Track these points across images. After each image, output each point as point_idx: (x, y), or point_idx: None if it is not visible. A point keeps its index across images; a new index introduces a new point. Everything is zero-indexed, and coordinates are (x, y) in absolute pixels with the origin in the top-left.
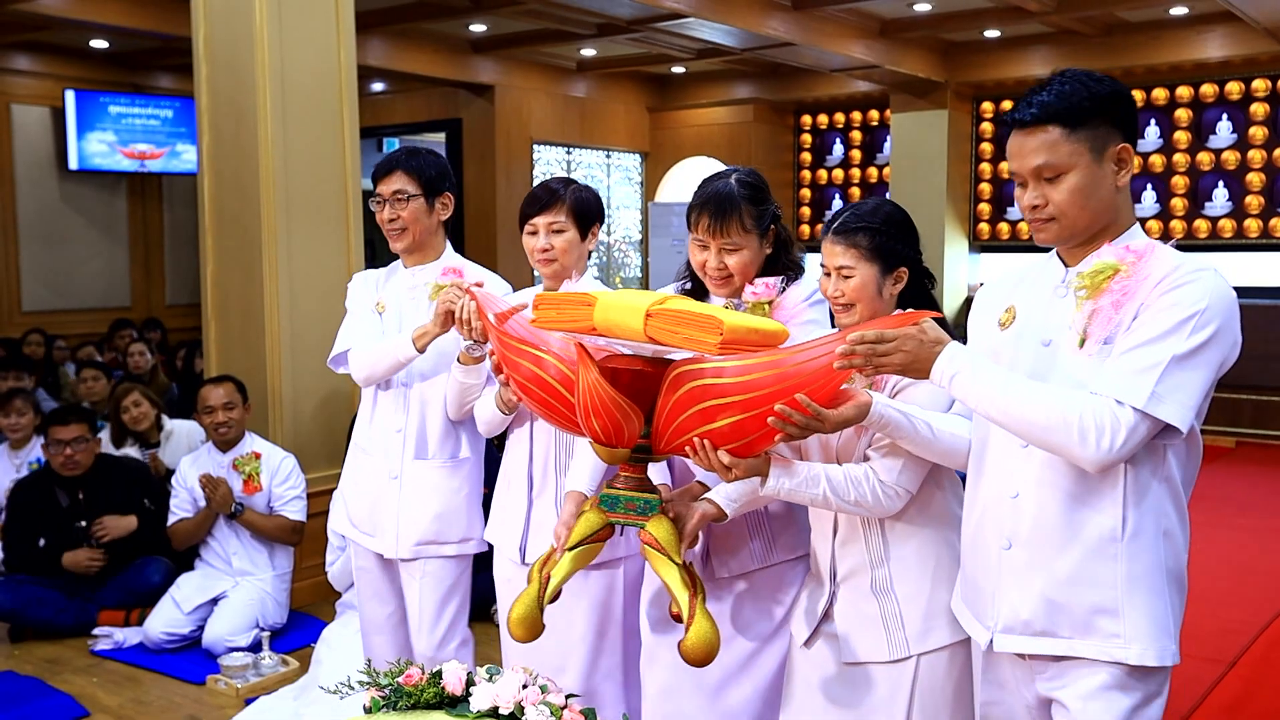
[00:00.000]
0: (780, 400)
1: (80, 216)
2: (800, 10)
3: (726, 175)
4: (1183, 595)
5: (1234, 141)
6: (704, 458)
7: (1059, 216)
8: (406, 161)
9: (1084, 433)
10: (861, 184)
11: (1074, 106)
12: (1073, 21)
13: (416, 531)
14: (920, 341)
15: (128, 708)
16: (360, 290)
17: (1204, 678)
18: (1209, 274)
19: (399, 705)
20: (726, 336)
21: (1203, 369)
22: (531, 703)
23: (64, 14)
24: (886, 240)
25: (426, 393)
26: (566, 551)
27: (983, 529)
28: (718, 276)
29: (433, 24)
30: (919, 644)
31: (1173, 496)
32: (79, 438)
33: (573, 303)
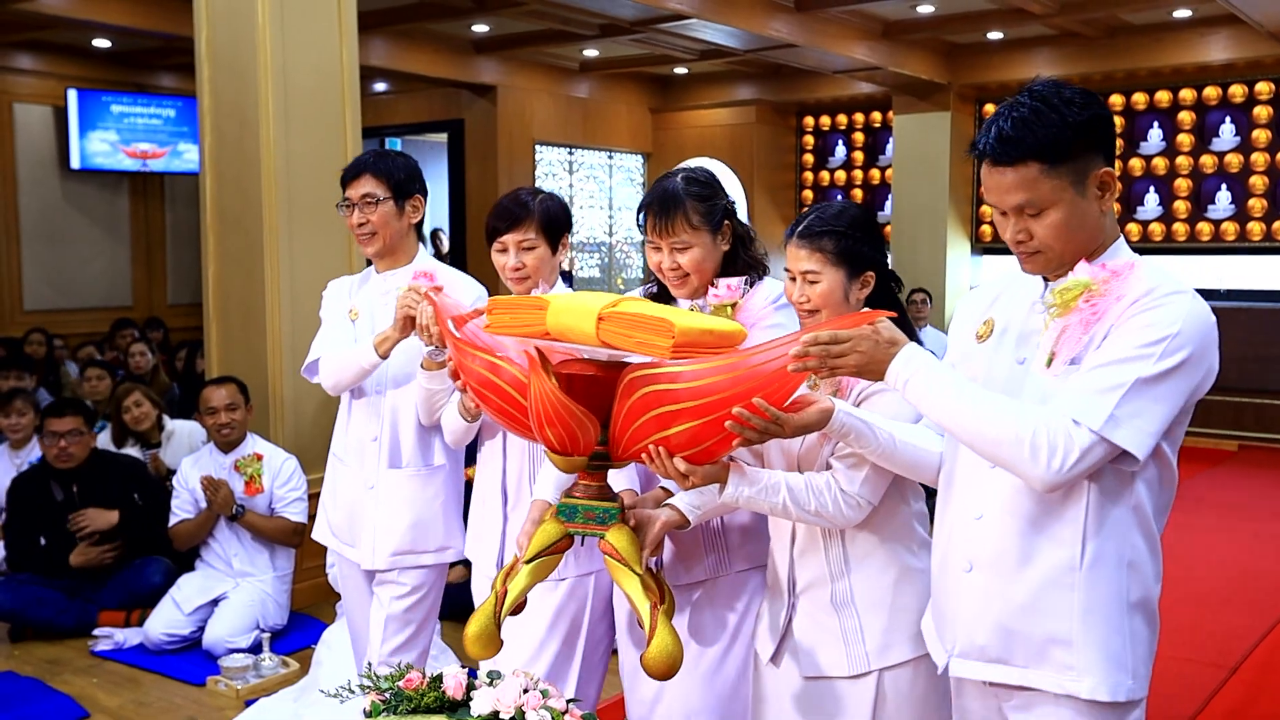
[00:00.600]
0: (737, 404)
1: (82, 216)
2: (803, 12)
3: (674, 174)
4: (1151, 628)
5: (1237, 144)
6: (660, 465)
7: (1044, 250)
8: (375, 164)
9: (1035, 450)
10: (864, 185)
11: (1050, 140)
12: (1075, 24)
13: (392, 541)
14: (875, 342)
15: (127, 709)
16: (334, 297)
17: (1207, 682)
18: (1186, 297)
19: (399, 709)
20: (679, 339)
21: (1169, 397)
22: (533, 707)
23: (66, 13)
24: (852, 244)
25: (399, 400)
26: (524, 564)
27: (949, 549)
28: (674, 277)
29: (435, 24)
30: (879, 659)
31: (1140, 525)
32: (74, 430)
33: (526, 307)
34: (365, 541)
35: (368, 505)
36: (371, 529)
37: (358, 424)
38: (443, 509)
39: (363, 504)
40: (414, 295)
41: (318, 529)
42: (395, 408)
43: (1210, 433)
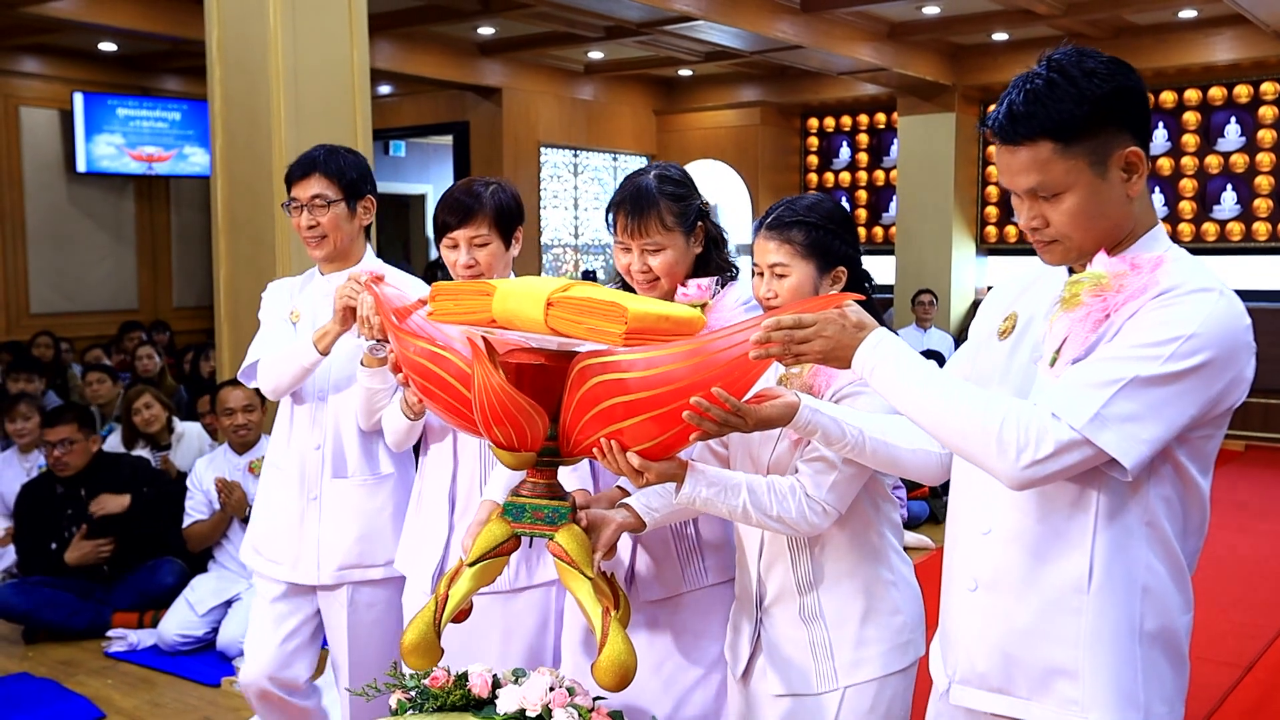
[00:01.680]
0: (695, 395)
1: (88, 219)
2: (808, 13)
3: (646, 171)
4: (1174, 662)
5: (1242, 145)
6: (612, 461)
7: (1061, 239)
8: (325, 163)
9: (1003, 442)
10: (868, 187)
11: (1064, 116)
12: (1081, 24)
13: (339, 555)
14: (842, 326)
15: (143, 710)
16: (274, 299)
17: (1221, 682)
18: (1212, 295)
19: (425, 707)
20: (632, 325)
21: (1174, 403)
22: (559, 704)
23: (73, 17)
24: (824, 236)
25: (342, 406)
26: (467, 567)
27: (954, 566)
28: (643, 280)
29: (441, 27)
30: (848, 675)
31: (1157, 547)
32: (66, 439)
33: (471, 293)
34: (307, 556)
35: (310, 518)
36: (315, 543)
37: (299, 432)
38: (392, 520)
39: (304, 517)
40: (354, 285)
41: (243, 548)
42: (338, 414)
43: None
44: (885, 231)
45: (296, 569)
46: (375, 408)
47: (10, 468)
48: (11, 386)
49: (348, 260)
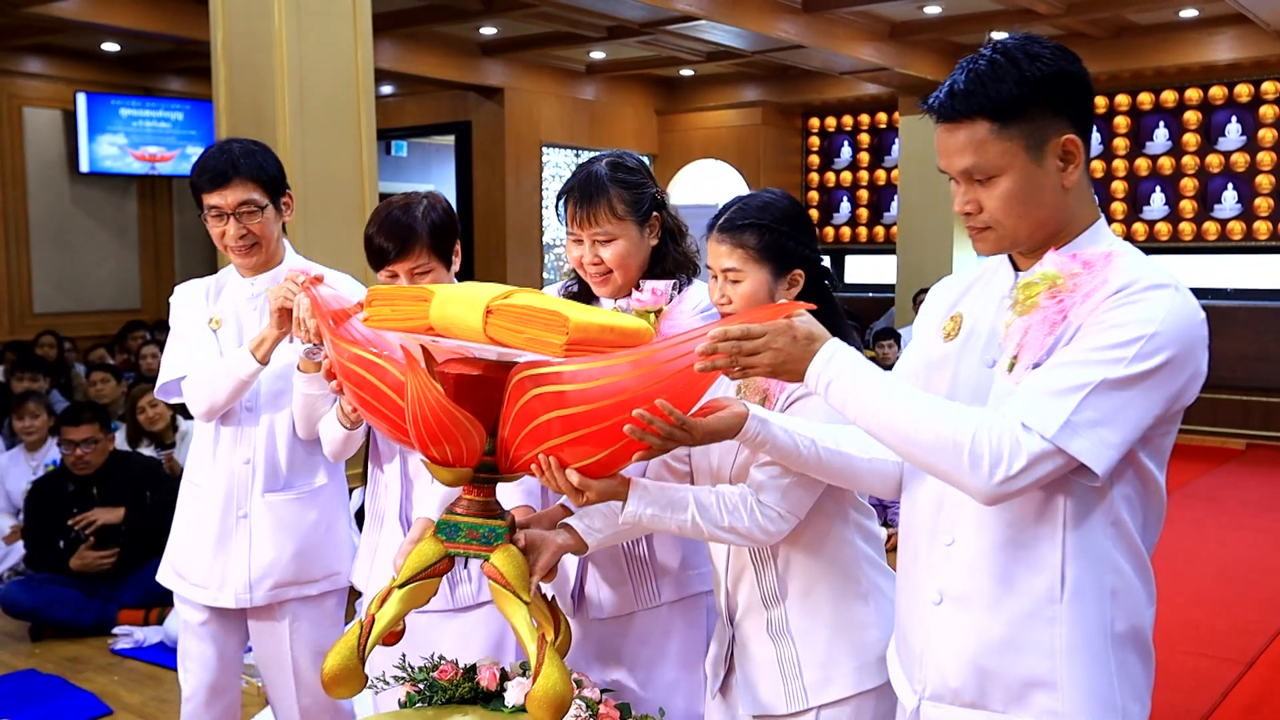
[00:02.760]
0: (638, 408)
1: (91, 219)
2: (810, 13)
3: (598, 159)
4: (1143, 659)
5: (1243, 144)
6: (551, 478)
7: (995, 225)
8: (246, 165)
9: (975, 457)
10: (869, 186)
11: (1003, 96)
12: (1082, 24)
13: (274, 574)
14: (793, 338)
15: (150, 706)
16: (187, 305)
17: (1223, 677)
18: (1168, 292)
19: (434, 700)
20: (573, 336)
21: (1140, 404)
22: None
23: (77, 17)
24: (778, 239)
25: (275, 416)
26: (396, 589)
27: (913, 577)
28: (595, 273)
29: (443, 27)
30: (817, 694)
31: (1125, 547)
32: (89, 438)
33: (408, 298)
34: (235, 579)
35: (238, 538)
36: (244, 564)
37: (225, 447)
38: (328, 533)
39: (231, 537)
40: (290, 286)
41: (162, 570)
42: (270, 425)
43: (1218, 431)
44: (887, 231)
45: (223, 592)
46: (314, 415)
47: (17, 465)
48: (16, 386)
49: (271, 261)
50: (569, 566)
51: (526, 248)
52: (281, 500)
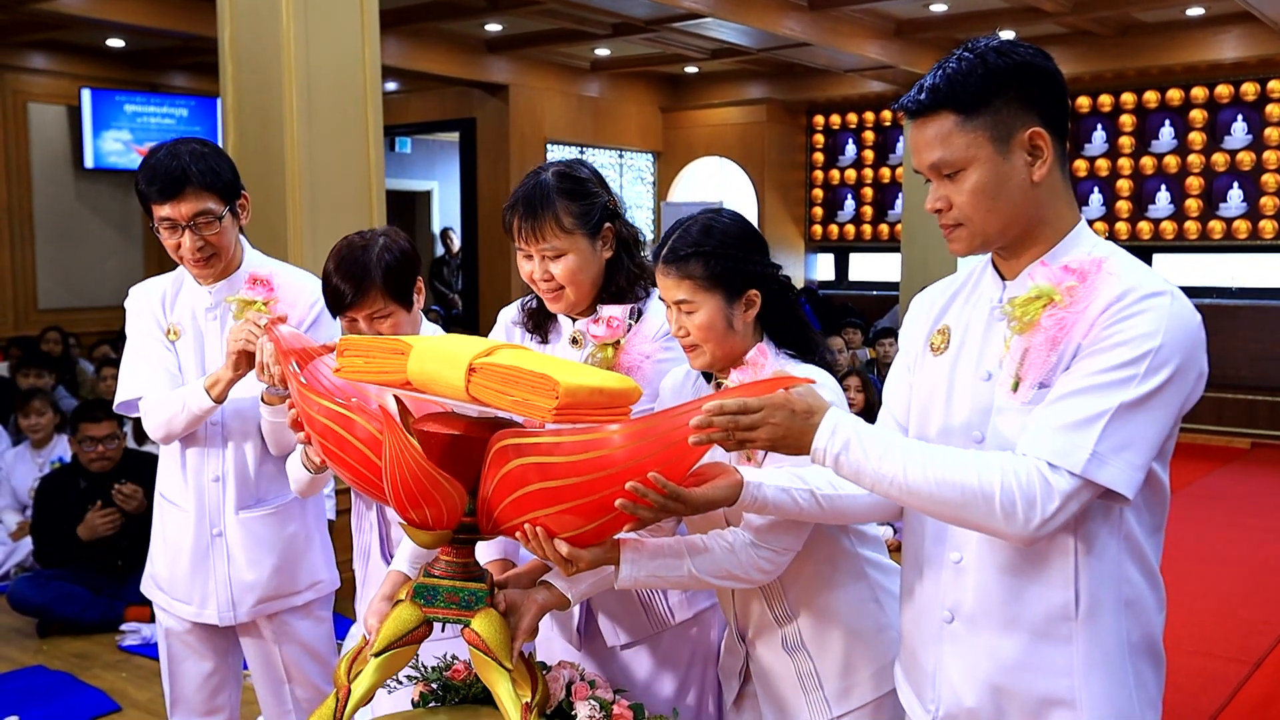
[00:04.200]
0: (629, 480)
1: (96, 215)
2: (816, 10)
3: (545, 168)
4: (1156, 666)
5: (1249, 143)
6: (538, 547)
7: (965, 222)
8: (199, 173)
9: (1008, 506)
10: (874, 184)
11: (968, 87)
12: (1088, 22)
13: (256, 591)
14: (791, 412)
15: (158, 703)
16: (142, 311)
17: (1231, 677)
18: (1164, 299)
19: (447, 700)
20: (563, 401)
21: (1157, 420)
22: (580, 697)
23: (83, 13)
24: (726, 264)
25: (243, 431)
26: (372, 657)
27: (921, 595)
28: (547, 289)
29: (448, 23)
30: (840, 704)
31: (1135, 556)
32: (110, 435)
33: (383, 351)
34: (218, 595)
35: (216, 556)
36: (225, 582)
37: (194, 462)
38: (307, 544)
39: (209, 555)
40: (251, 328)
41: (144, 582)
42: (243, 439)
43: (1223, 430)
44: (891, 229)
45: (205, 609)
46: (283, 441)
47: (23, 462)
48: (22, 382)
49: (230, 268)
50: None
51: None
52: (256, 517)
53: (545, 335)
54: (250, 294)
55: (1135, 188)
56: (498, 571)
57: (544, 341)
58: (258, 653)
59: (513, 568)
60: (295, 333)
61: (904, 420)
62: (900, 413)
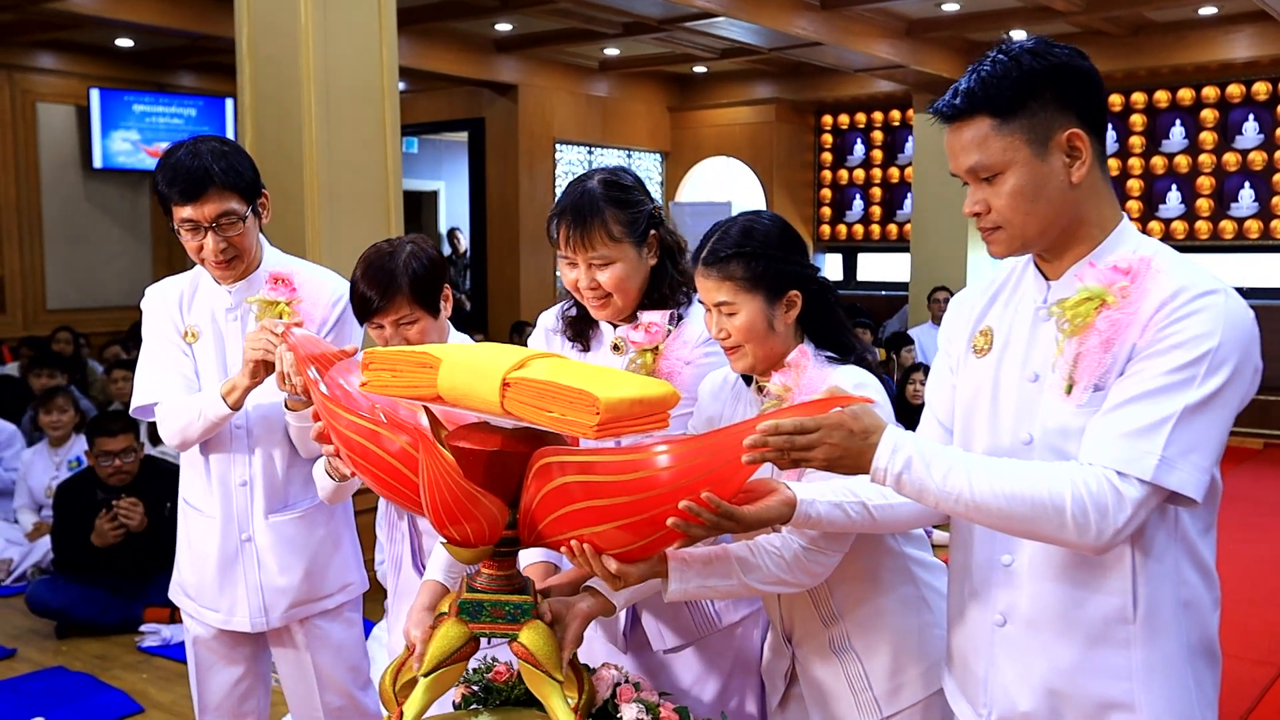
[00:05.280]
0: (681, 499)
1: (104, 215)
2: (828, 9)
3: (590, 176)
4: (1214, 666)
5: (1261, 142)
6: (584, 563)
7: (1004, 225)
8: (221, 173)
9: (1080, 518)
10: (882, 184)
11: (1003, 90)
12: (1100, 22)
13: (287, 596)
14: (850, 432)
15: (180, 704)
16: (159, 313)
17: (1259, 679)
18: (1218, 297)
19: (489, 702)
20: (604, 416)
21: (1220, 420)
22: (625, 699)
23: (94, 12)
24: (767, 264)
25: (270, 434)
26: (421, 677)
27: (971, 599)
28: (593, 297)
29: (458, 23)
30: (890, 704)
31: (1191, 557)
32: (127, 448)
33: (412, 364)
34: (248, 601)
35: (246, 561)
36: (255, 588)
37: (219, 467)
38: (336, 547)
39: (237, 561)
40: (269, 337)
41: (172, 589)
42: (264, 444)
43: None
44: (900, 229)
45: (235, 616)
46: (312, 445)
47: (41, 460)
48: (34, 382)
49: (250, 268)
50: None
51: (539, 245)
52: (286, 520)
53: (586, 343)
54: (272, 294)
55: (1146, 187)
56: (541, 576)
57: (585, 349)
58: (289, 659)
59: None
60: (310, 336)
61: (948, 422)
62: (944, 414)
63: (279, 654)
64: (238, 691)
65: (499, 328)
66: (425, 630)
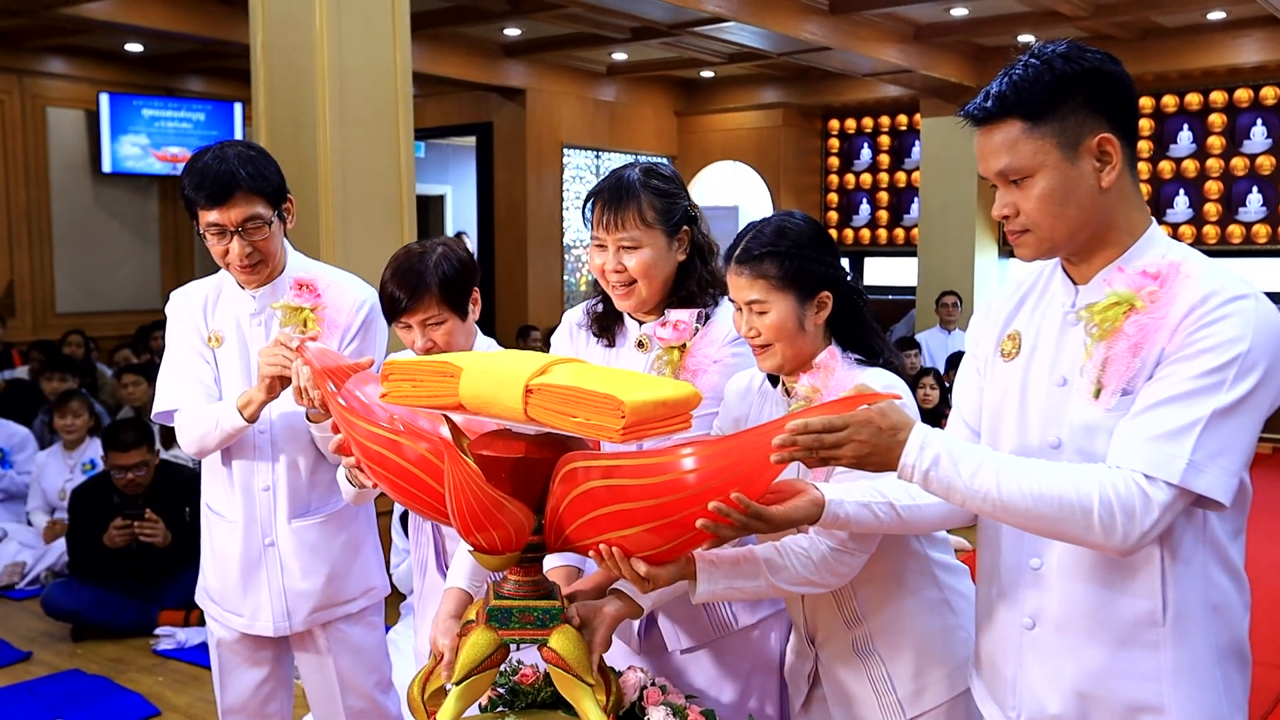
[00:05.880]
0: (710, 500)
1: (113, 219)
2: (836, 14)
3: (631, 165)
4: (1243, 669)
5: (1269, 147)
6: (613, 566)
7: (1033, 228)
8: (249, 178)
9: (1107, 520)
10: (889, 188)
11: (1034, 93)
12: (1108, 26)
13: (309, 601)
14: (878, 429)
15: (197, 706)
16: (184, 317)
17: (1274, 684)
18: (1249, 302)
19: (515, 705)
20: (630, 420)
21: (1249, 425)
22: (653, 702)
23: (103, 17)
24: (800, 264)
25: (295, 440)
26: (453, 685)
27: (1000, 602)
28: (618, 282)
29: (467, 28)
30: (914, 706)
31: (1220, 559)
32: (140, 463)
33: (432, 373)
34: (271, 605)
35: (269, 566)
36: (279, 593)
37: (242, 472)
38: (358, 552)
39: (260, 566)
40: (284, 353)
41: (198, 593)
42: (287, 449)
43: None
44: (907, 233)
45: (258, 620)
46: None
47: (55, 462)
48: (45, 386)
49: (275, 273)
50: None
51: (547, 249)
52: (309, 525)
53: (611, 339)
54: (297, 300)
55: (1154, 192)
56: (564, 581)
57: (610, 345)
58: (311, 662)
59: (578, 576)
60: (325, 349)
61: (975, 424)
62: (971, 417)
63: (301, 657)
64: (261, 694)
65: (506, 332)
66: (453, 639)
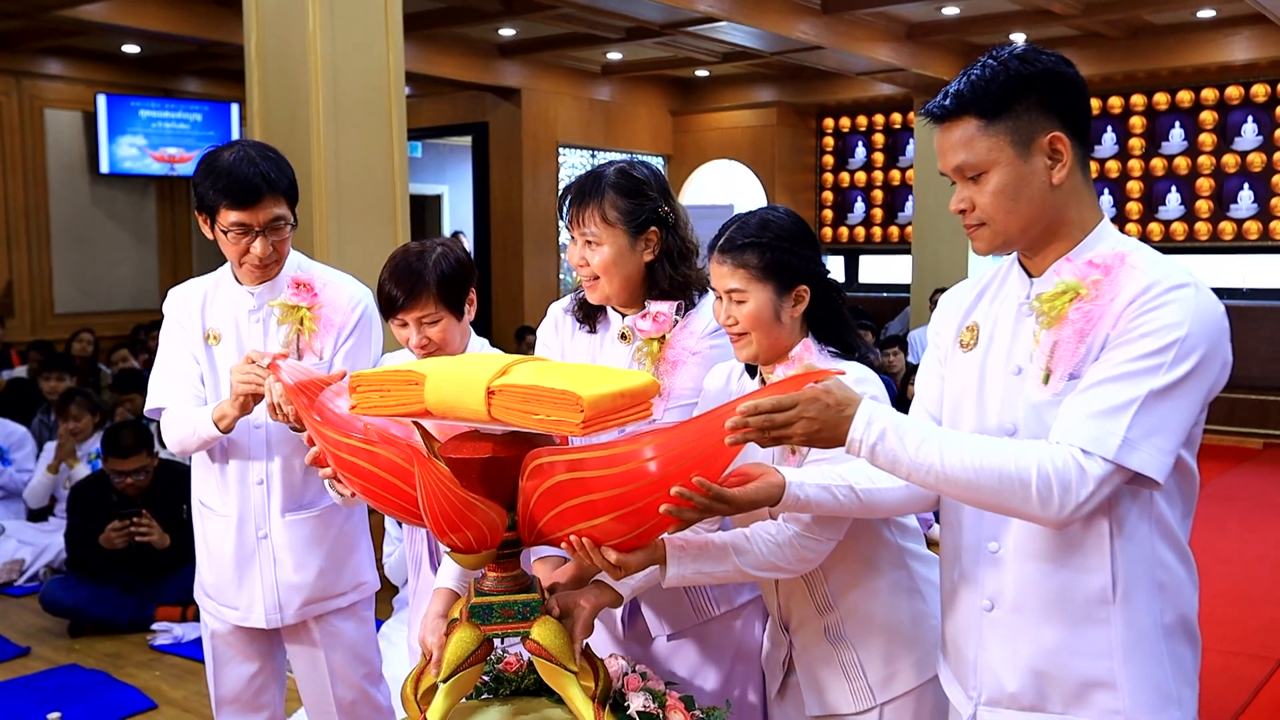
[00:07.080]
0: (671, 485)
1: (111, 220)
2: (829, 14)
3: (610, 164)
4: (1192, 646)
5: (1260, 144)
6: (585, 556)
7: (988, 222)
8: (275, 179)
9: (1044, 491)
10: (884, 187)
11: (989, 93)
12: (1099, 25)
13: (302, 593)
14: (825, 405)
15: (193, 700)
16: (181, 315)
17: (1254, 675)
18: (1189, 290)
19: (500, 692)
20: (589, 413)
21: (1185, 407)
22: (633, 688)
23: (101, 19)
24: (780, 255)
25: (289, 437)
26: (441, 683)
27: (961, 584)
28: (584, 275)
29: (462, 28)
30: (884, 691)
31: (1167, 539)
32: (139, 468)
33: (398, 382)
34: (264, 598)
35: (262, 559)
36: (271, 586)
37: (236, 466)
38: (351, 546)
39: (253, 559)
40: (255, 372)
41: (196, 588)
42: (280, 444)
43: (1235, 431)
44: (901, 231)
45: (252, 613)
46: None
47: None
48: (44, 385)
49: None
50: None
51: (543, 248)
52: (302, 519)
53: (594, 325)
54: (294, 299)
55: (1145, 189)
56: (544, 573)
57: (592, 331)
58: (303, 655)
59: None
60: (298, 364)
61: (936, 413)
62: (933, 406)
63: (294, 650)
64: (254, 685)
65: (503, 332)
66: (440, 637)
